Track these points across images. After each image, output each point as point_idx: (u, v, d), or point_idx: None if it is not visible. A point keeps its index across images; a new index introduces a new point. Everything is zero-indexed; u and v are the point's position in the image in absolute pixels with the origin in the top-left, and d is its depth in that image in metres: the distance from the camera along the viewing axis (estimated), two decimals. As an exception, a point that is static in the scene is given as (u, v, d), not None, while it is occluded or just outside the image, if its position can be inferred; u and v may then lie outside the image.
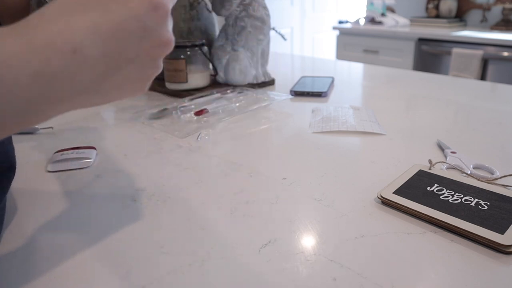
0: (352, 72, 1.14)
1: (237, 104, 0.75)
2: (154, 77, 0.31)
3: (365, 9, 2.96)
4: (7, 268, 0.34)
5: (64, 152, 0.56)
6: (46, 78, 0.24)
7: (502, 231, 0.35)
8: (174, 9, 0.92)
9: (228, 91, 0.82)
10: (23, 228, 0.40)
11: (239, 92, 0.82)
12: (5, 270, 0.34)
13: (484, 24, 2.55)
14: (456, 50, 2.14)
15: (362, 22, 2.85)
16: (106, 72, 0.27)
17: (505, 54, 2.00)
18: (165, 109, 0.73)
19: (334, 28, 2.83)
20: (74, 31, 0.24)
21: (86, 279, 0.32)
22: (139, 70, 0.29)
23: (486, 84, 0.97)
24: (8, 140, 0.41)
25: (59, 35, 0.24)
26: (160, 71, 0.31)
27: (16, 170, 0.52)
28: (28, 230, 0.39)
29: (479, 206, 0.39)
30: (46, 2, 0.49)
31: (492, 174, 0.49)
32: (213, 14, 0.96)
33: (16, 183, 0.49)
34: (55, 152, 0.56)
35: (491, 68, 2.08)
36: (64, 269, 0.33)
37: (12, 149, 0.41)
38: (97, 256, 0.35)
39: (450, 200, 0.41)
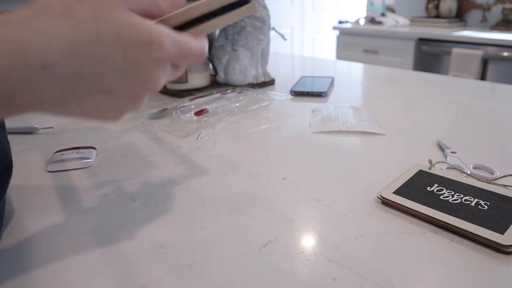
0: (352, 72, 1.14)
1: (237, 104, 0.75)
2: (130, 111, 0.29)
3: (365, 9, 2.96)
4: (7, 268, 0.34)
5: (64, 152, 0.56)
6: (10, 83, 0.23)
7: (502, 231, 0.35)
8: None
9: (228, 91, 0.82)
10: (23, 227, 0.40)
11: (239, 92, 0.82)
12: (5, 271, 0.34)
13: (484, 24, 2.55)
14: (456, 50, 2.14)
15: (362, 22, 2.85)
16: (74, 92, 0.25)
17: (505, 54, 2.00)
18: (165, 109, 0.73)
19: (334, 28, 2.83)
20: (48, 45, 0.23)
21: (85, 279, 0.32)
22: (113, 102, 0.27)
23: (486, 84, 0.97)
24: (6, 139, 0.41)
25: (30, 46, 0.23)
26: (139, 108, 0.30)
27: (17, 170, 0.52)
28: (28, 230, 0.39)
29: (479, 206, 0.39)
30: None
31: (492, 174, 0.49)
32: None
33: (16, 183, 0.49)
34: (55, 152, 0.56)
35: (491, 68, 2.08)
36: (64, 268, 0.33)
37: (9, 147, 0.41)
38: (97, 256, 0.35)
39: (450, 200, 0.41)
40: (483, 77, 2.11)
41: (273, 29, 0.94)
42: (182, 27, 0.32)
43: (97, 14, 0.25)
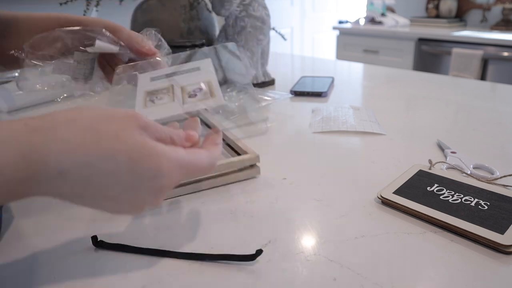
0: (352, 72, 1.14)
1: (237, 104, 0.75)
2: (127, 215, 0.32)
3: (365, 9, 2.96)
4: (7, 268, 0.34)
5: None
6: (29, 183, 0.26)
7: (502, 231, 0.35)
8: (174, 9, 0.92)
9: (228, 90, 0.82)
10: (23, 228, 0.40)
11: (239, 91, 0.82)
12: (4, 270, 0.34)
13: (484, 24, 2.55)
14: (456, 50, 2.14)
15: (362, 22, 2.85)
16: (81, 195, 0.28)
17: (505, 54, 2.00)
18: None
19: (334, 28, 2.83)
20: (68, 154, 0.26)
21: (85, 278, 0.32)
22: (114, 207, 0.30)
23: (486, 84, 0.97)
24: None
25: (52, 156, 0.26)
26: (137, 214, 0.32)
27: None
28: (27, 229, 0.39)
29: (479, 206, 0.39)
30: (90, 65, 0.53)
31: (492, 174, 0.49)
32: (213, 14, 0.96)
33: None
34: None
35: (491, 68, 2.08)
36: (63, 268, 0.33)
37: None
38: (97, 256, 0.35)
39: (450, 200, 0.41)
40: (483, 77, 2.11)
41: (273, 29, 0.94)
42: None
43: (118, 133, 0.28)
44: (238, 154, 0.50)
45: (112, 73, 0.53)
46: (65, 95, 0.53)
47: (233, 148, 0.52)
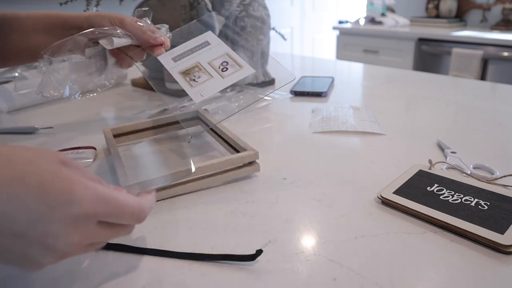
0: (352, 72, 1.14)
1: (237, 104, 0.75)
2: (47, 265, 0.27)
3: (365, 9, 2.96)
4: (7, 267, 0.34)
5: (64, 152, 0.56)
6: None
7: (502, 231, 0.35)
8: (174, 9, 0.92)
9: (228, 89, 0.82)
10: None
11: (239, 91, 0.82)
12: (4, 270, 0.34)
13: (484, 24, 2.55)
14: (456, 50, 2.14)
15: (362, 22, 2.85)
16: None
17: (505, 54, 2.00)
18: (165, 110, 0.73)
19: (334, 28, 2.82)
20: None
21: (85, 278, 0.32)
22: (24, 250, 0.25)
23: (486, 84, 0.97)
24: None
25: None
26: (46, 265, 0.27)
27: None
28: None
29: (479, 206, 0.39)
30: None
31: (492, 174, 0.49)
32: (213, 14, 0.96)
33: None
34: (55, 152, 0.56)
35: (491, 68, 2.08)
36: (63, 268, 0.33)
37: None
38: (97, 256, 0.35)
39: (450, 200, 0.41)
40: (483, 77, 2.11)
41: (273, 29, 0.94)
42: None
43: (32, 159, 0.25)
44: (237, 151, 0.50)
45: (126, 58, 0.56)
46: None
47: (232, 146, 0.53)
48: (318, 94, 0.85)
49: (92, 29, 0.51)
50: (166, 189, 0.44)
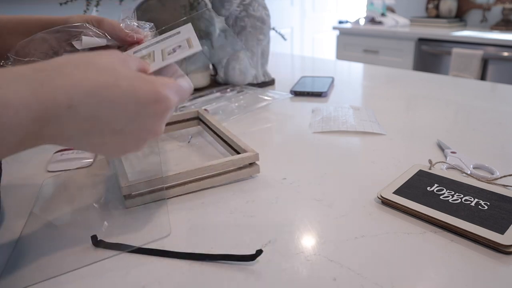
0: (352, 72, 1.14)
1: (237, 104, 0.75)
2: (132, 152, 0.33)
3: (365, 9, 2.96)
4: (6, 267, 0.34)
5: (64, 152, 0.56)
6: (42, 122, 0.27)
7: (502, 231, 0.35)
8: (174, 9, 0.92)
9: (228, 89, 0.82)
10: (21, 227, 0.40)
11: (239, 91, 0.82)
12: (4, 270, 0.34)
13: (484, 24, 2.55)
14: (456, 50, 2.14)
15: (362, 22, 2.85)
16: (88, 131, 0.29)
17: (505, 54, 2.00)
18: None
19: (334, 28, 2.82)
20: (75, 87, 0.27)
21: (85, 278, 0.32)
22: (119, 143, 0.31)
23: (486, 84, 0.97)
24: None
25: (60, 89, 0.27)
26: (138, 151, 0.33)
27: (17, 169, 0.52)
28: (27, 229, 0.39)
29: (479, 206, 0.39)
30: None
31: (492, 174, 0.49)
32: (213, 14, 0.96)
33: (17, 183, 0.49)
34: (55, 152, 0.56)
35: (491, 68, 2.08)
36: (63, 267, 0.33)
37: None
38: (96, 255, 0.35)
39: (450, 200, 0.41)
40: (483, 77, 2.11)
41: (273, 29, 0.94)
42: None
43: (114, 65, 0.30)
44: (238, 152, 0.50)
45: None
46: None
47: (232, 147, 0.53)
48: (318, 94, 0.85)
49: (59, 26, 0.48)
50: (166, 190, 0.44)
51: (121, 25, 0.51)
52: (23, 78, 0.26)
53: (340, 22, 3.09)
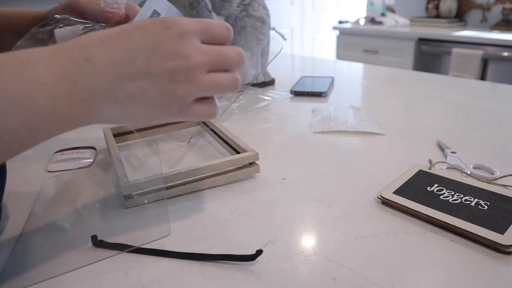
0: (352, 72, 1.14)
1: (237, 104, 0.75)
2: (182, 98, 0.31)
3: (365, 9, 2.96)
4: (6, 267, 0.34)
5: (64, 152, 0.56)
6: (67, 80, 0.28)
7: (502, 231, 0.35)
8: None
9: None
10: (21, 227, 0.40)
11: (239, 91, 0.82)
12: (3, 269, 0.34)
13: (484, 24, 2.55)
14: (456, 50, 2.14)
15: (362, 22, 2.85)
16: (117, 79, 0.29)
17: (505, 54, 2.00)
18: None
19: (334, 28, 2.83)
20: (86, 43, 0.30)
21: (85, 278, 0.32)
22: (155, 84, 0.30)
23: (486, 84, 0.97)
24: None
25: (75, 46, 0.29)
26: (193, 92, 0.31)
27: (17, 169, 0.52)
28: (26, 229, 0.39)
29: (479, 206, 0.39)
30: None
31: (492, 174, 0.49)
32: (213, 14, 0.96)
33: (17, 183, 0.49)
34: (55, 152, 0.56)
35: (491, 68, 2.08)
36: (63, 267, 0.33)
37: None
38: (96, 255, 0.35)
39: (450, 200, 0.41)
40: (483, 77, 2.11)
41: (273, 29, 0.94)
42: None
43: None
44: (238, 152, 0.50)
45: None
46: None
47: (232, 147, 0.53)
48: (318, 94, 0.85)
49: (43, 22, 0.46)
50: (166, 190, 0.44)
51: (101, 4, 0.48)
52: (43, 47, 0.29)
53: (340, 22, 3.09)
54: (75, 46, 0.29)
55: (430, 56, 2.32)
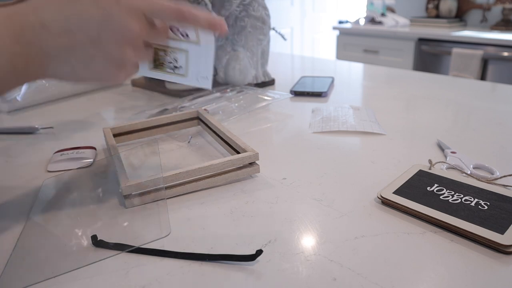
0: (352, 72, 1.14)
1: (237, 104, 0.75)
2: (123, 65, 0.36)
3: (365, 9, 2.96)
4: (6, 267, 0.34)
5: (64, 152, 0.56)
6: (23, 42, 0.32)
7: (502, 231, 0.35)
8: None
9: (228, 89, 0.82)
10: (21, 226, 0.40)
11: (239, 91, 0.82)
12: (3, 269, 0.34)
13: (484, 24, 2.55)
14: (456, 50, 2.14)
15: (362, 22, 2.85)
16: (71, 46, 0.33)
17: (505, 54, 2.00)
18: (165, 110, 0.73)
19: (334, 28, 2.83)
20: (44, 10, 0.33)
21: (85, 278, 0.32)
22: (104, 52, 0.34)
23: (486, 84, 0.97)
24: None
25: (32, 12, 0.33)
26: (129, 59, 0.35)
27: (17, 169, 0.52)
28: (26, 228, 0.39)
29: (479, 206, 0.39)
30: None
31: (492, 174, 0.49)
32: (213, 14, 0.96)
33: (17, 183, 0.49)
34: (55, 152, 0.56)
35: (491, 68, 2.08)
36: (63, 267, 0.33)
37: None
38: (96, 255, 0.35)
39: (450, 200, 0.41)
40: (483, 77, 2.11)
41: (273, 29, 0.94)
42: None
43: None
44: (238, 152, 0.50)
45: None
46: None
47: (232, 147, 0.53)
48: (318, 94, 0.85)
49: None
50: (166, 190, 0.44)
51: None
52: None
53: (340, 22, 3.09)
54: (30, 10, 0.33)
55: (430, 56, 2.32)
